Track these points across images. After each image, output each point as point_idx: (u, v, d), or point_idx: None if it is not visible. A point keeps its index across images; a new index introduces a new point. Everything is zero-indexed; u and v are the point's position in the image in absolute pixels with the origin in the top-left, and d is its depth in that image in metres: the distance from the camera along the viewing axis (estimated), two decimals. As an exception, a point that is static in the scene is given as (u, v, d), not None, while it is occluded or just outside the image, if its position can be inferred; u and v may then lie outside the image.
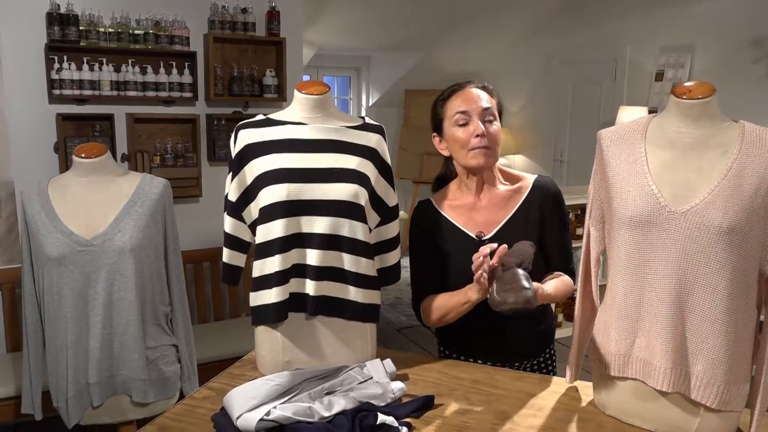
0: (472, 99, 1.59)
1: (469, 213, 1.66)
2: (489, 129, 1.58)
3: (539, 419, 1.35)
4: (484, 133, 1.56)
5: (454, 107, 1.60)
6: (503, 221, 1.62)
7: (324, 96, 1.57)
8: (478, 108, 1.58)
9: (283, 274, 1.47)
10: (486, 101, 1.59)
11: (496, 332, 1.63)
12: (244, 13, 3.61)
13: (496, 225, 1.62)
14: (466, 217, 1.65)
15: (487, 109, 1.58)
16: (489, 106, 1.59)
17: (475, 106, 1.58)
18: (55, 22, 3.09)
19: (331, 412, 1.29)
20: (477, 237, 1.62)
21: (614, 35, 5.60)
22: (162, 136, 3.51)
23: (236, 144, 1.55)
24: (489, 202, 1.65)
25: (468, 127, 1.58)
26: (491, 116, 1.59)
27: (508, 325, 1.62)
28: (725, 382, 1.19)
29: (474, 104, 1.58)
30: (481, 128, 1.56)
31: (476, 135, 1.56)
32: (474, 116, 1.57)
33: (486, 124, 1.58)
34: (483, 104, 1.58)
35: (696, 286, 1.18)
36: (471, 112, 1.58)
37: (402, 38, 6.33)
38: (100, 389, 1.89)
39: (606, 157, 1.32)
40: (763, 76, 4.51)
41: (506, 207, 1.64)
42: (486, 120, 1.58)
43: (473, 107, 1.58)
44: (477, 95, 1.60)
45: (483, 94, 1.61)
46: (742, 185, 1.16)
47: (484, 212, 1.65)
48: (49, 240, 1.82)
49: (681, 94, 1.24)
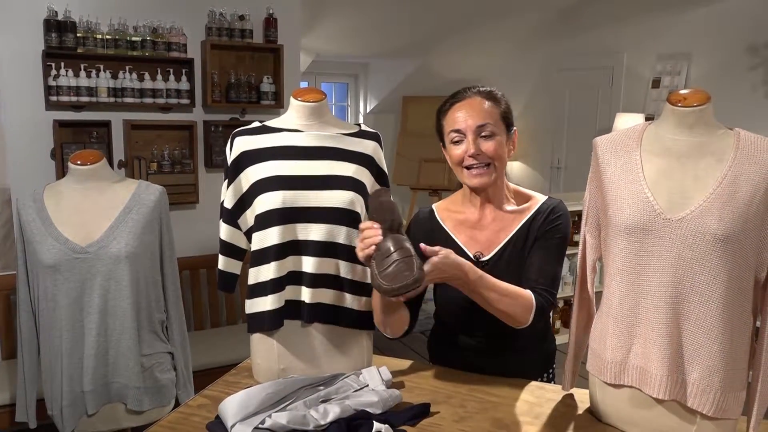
0: (466, 116, 1.49)
1: (471, 231, 1.57)
2: (484, 146, 1.47)
3: (535, 427, 1.34)
4: (478, 152, 1.47)
5: (449, 124, 1.51)
6: (503, 242, 1.54)
7: (320, 103, 1.57)
8: (471, 126, 1.48)
9: (278, 281, 1.47)
10: (482, 117, 1.48)
11: (493, 353, 1.58)
12: (241, 20, 3.61)
13: (497, 245, 1.54)
14: (468, 235, 1.57)
15: (482, 126, 1.47)
16: (484, 123, 1.48)
17: (467, 125, 1.48)
18: (52, 28, 3.09)
19: (326, 420, 1.28)
20: (475, 257, 1.54)
21: (611, 42, 5.62)
22: (159, 143, 3.51)
23: (232, 151, 1.55)
24: (493, 221, 1.56)
25: (462, 146, 1.49)
26: (488, 132, 1.48)
27: (512, 348, 1.57)
28: (721, 390, 1.19)
29: (467, 122, 1.48)
30: (473, 148, 1.47)
31: (469, 155, 1.48)
32: (468, 134, 1.48)
33: (481, 141, 1.48)
34: (477, 121, 1.47)
35: (692, 294, 1.18)
36: (464, 131, 1.48)
37: (400, 45, 6.35)
38: (95, 397, 1.88)
39: (601, 164, 1.32)
40: (759, 84, 4.53)
41: (508, 228, 1.55)
42: (482, 136, 1.48)
43: (466, 125, 1.48)
44: (471, 112, 1.49)
45: (483, 105, 1.50)
46: (737, 193, 1.16)
47: (486, 231, 1.56)
48: (44, 247, 1.82)
49: (676, 102, 1.24)
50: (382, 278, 1.22)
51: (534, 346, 1.62)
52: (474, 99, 1.51)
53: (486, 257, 1.54)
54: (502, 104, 1.53)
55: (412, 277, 1.20)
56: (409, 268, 1.21)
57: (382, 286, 1.22)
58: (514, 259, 1.52)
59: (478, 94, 1.52)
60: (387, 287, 1.21)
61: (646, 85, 5.33)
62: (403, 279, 1.20)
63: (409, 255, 1.24)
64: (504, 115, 1.52)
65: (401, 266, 1.22)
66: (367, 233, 1.31)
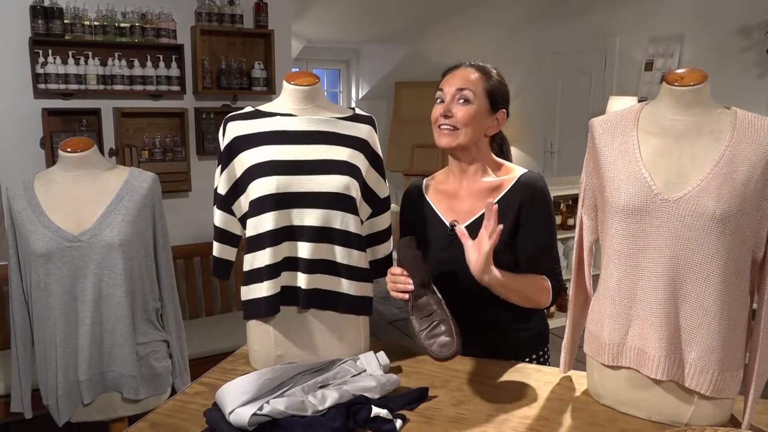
0: (452, 79, 1.57)
1: (450, 200, 1.64)
2: (456, 109, 1.55)
3: (534, 409, 1.34)
4: (449, 113, 1.55)
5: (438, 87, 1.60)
6: (479, 213, 1.57)
7: (313, 87, 1.55)
8: (452, 89, 1.56)
9: (274, 267, 1.46)
10: (463, 83, 1.56)
11: (485, 331, 1.60)
12: (231, 5, 3.57)
13: (473, 215, 1.58)
14: (447, 205, 1.64)
15: (461, 90, 1.55)
16: (463, 87, 1.55)
17: (449, 88, 1.56)
18: (39, 15, 3.05)
19: (324, 405, 1.28)
20: (450, 225, 1.59)
21: (603, 26, 5.60)
22: (150, 131, 3.47)
23: (225, 136, 1.53)
24: (470, 191, 1.62)
25: (440, 107, 1.57)
26: (464, 98, 1.54)
27: (498, 324, 1.60)
28: (719, 370, 1.19)
29: (450, 85, 1.57)
30: (445, 108, 1.55)
31: (442, 114, 1.55)
32: (447, 96, 1.56)
33: (457, 105, 1.55)
34: (457, 85, 1.55)
35: (689, 274, 1.18)
36: (445, 93, 1.57)
37: (391, 30, 6.31)
38: (91, 386, 1.87)
39: (598, 145, 1.31)
40: (752, 65, 4.53)
41: (486, 198, 1.57)
42: (458, 100, 1.55)
43: (448, 88, 1.57)
44: (456, 77, 1.57)
45: (470, 74, 1.57)
46: (734, 172, 1.16)
47: (465, 201, 1.62)
48: (36, 236, 1.80)
49: (673, 81, 1.23)
50: (429, 345, 1.36)
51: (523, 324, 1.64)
52: (466, 69, 1.60)
53: (462, 225, 1.56)
54: (492, 80, 1.59)
55: (452, 351, 1.33)
56: (449, 335, 1.36)
57: (431, 352, 1.35)
58: None
59: (471, 66, 1.60)
60: (435, 355, 1.34)
61: (639, 67, 5.33)
62: (448, 351, 1.33)
63: (445, 319, 1.38)
64: (490, 90, 1.58)
65: (443, 336, 1.36)
66: (400, 280, 1.43)
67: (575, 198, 4.37)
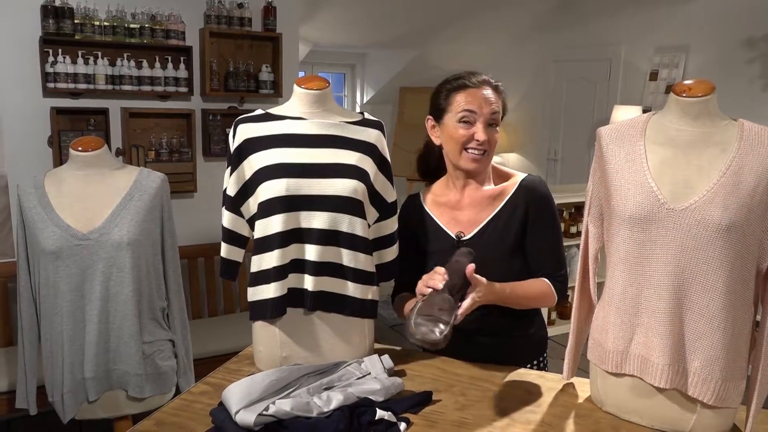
0: (482, 99, 1.53)
1: (452, 212, 1.64)
2: (491, 135, 1.54)
3: (537, 415, 1.35)
4: (486, 140, 1.53)
5: (461, 102, 1.54)
6: (485, 221, 1.59)
7: (324, 91, 1.56)
8: (486, 112, 1.53)
9: (281, 269, 1.47)
10: (495, 106, 1.54)
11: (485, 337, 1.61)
12: (240, 8, 3.59)
13: (478, 225, 1.59)
14: (449, 216, 1.64)
15: (495, 114, 1.54)
16: (496, 112, 1.54)
17: (484, 110, 1.53)
18: (49, 14, 3.07)
19: (329, 407, 1.29)
20: (456, 237, 1.60)
21: (609, 34, 5.61)
22: (157, 131, 3.49)
23: (235, 138, 1.54)
24: (473, 201, 1.62)
25: (470, 128, 1.54)
26: (495, 122, 1.55)
27: (497, 330, 1.61)
28: (722, 379, 1.20)
29: (484, 107, 1.53)
30: (484, 135, 1.52)
31: (478, 140, 1.53)
32: (480, 119, 1.53)
33: (489, 130, 1.54)
34: (492, 109, 1.53)
35: (694, 283, 1.19)
36: (478, 114, 1.53)
37: (397, 35, 6.32)
38: (96, 384, 1.88)
39: (605, 154, 1.32)
40: (756, 76, 4.54)
41: (490, 207, 1.60)
42: (490, 124, 1.54)
43: (483, 110, 1.53)
44: (486, 98, 1.54)
45: (494, 95, 1.56)
46: (740, 183, 1.17)
47: (467, 211, 1.62)
48: (46, 234, 1.81)
49: (681, 92, 1.24)
50: (415, 324, 1.29)
51: (522, 331, 1.66)
52: (486, 88, 1.57)
53: (467, 236, 1.60)
54: (503, 99, 1.61)
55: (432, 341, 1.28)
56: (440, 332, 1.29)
57: (410, 329, 1.29)
58: (495, 238, 1.58)
59: (488, 84, 1.57)
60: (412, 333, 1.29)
61: (644, 77, 5.34)
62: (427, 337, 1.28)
63: (446, 322, 1.32)
64: (503, 110, 1.61)
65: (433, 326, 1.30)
66: (434, 277, 1.38)
67: (578, 206, 4.38)
